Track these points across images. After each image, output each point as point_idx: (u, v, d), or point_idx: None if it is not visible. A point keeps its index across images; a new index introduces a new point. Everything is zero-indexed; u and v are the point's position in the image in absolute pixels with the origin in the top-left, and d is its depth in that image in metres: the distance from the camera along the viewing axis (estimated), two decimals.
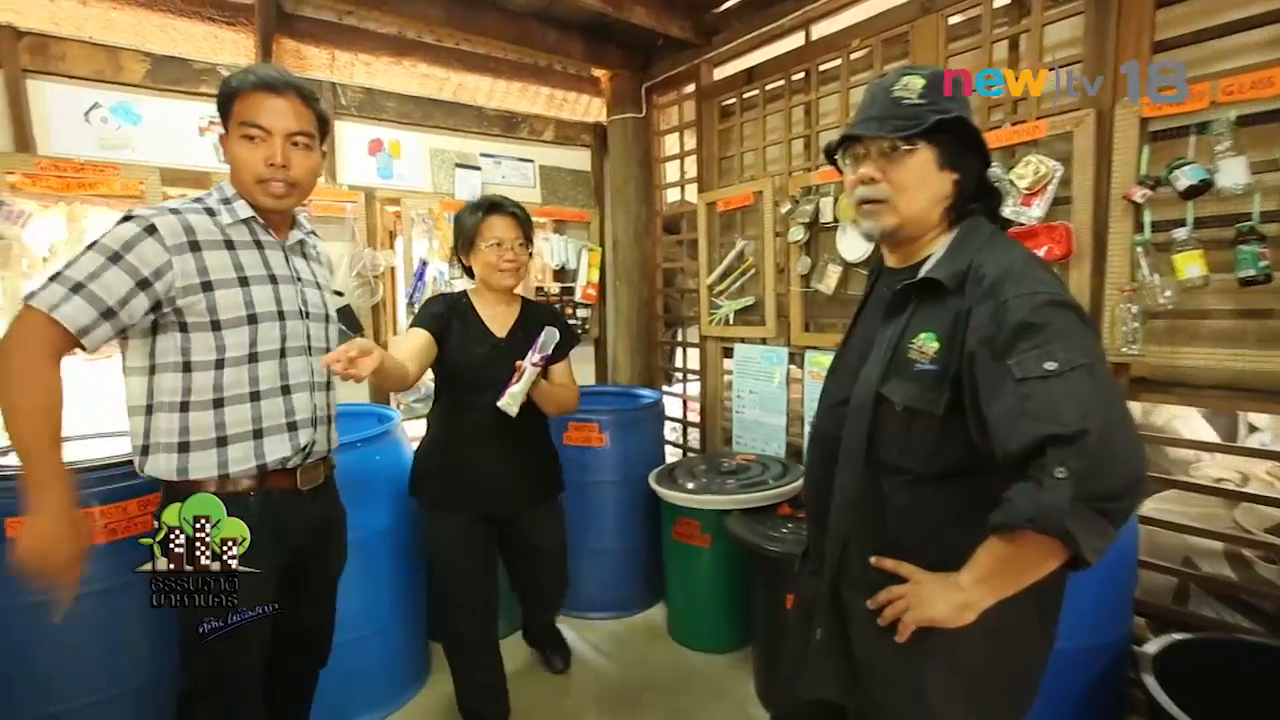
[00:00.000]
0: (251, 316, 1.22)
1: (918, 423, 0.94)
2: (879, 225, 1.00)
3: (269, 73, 1.23)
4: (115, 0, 2.18)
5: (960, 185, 0.99)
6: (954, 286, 0.93)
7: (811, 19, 2.36)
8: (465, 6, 2.56)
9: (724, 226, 2.79)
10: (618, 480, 2.62)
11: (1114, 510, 0.78)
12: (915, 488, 0.97)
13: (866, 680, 0.99)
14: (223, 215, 1.23)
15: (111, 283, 1.09)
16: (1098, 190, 1.59)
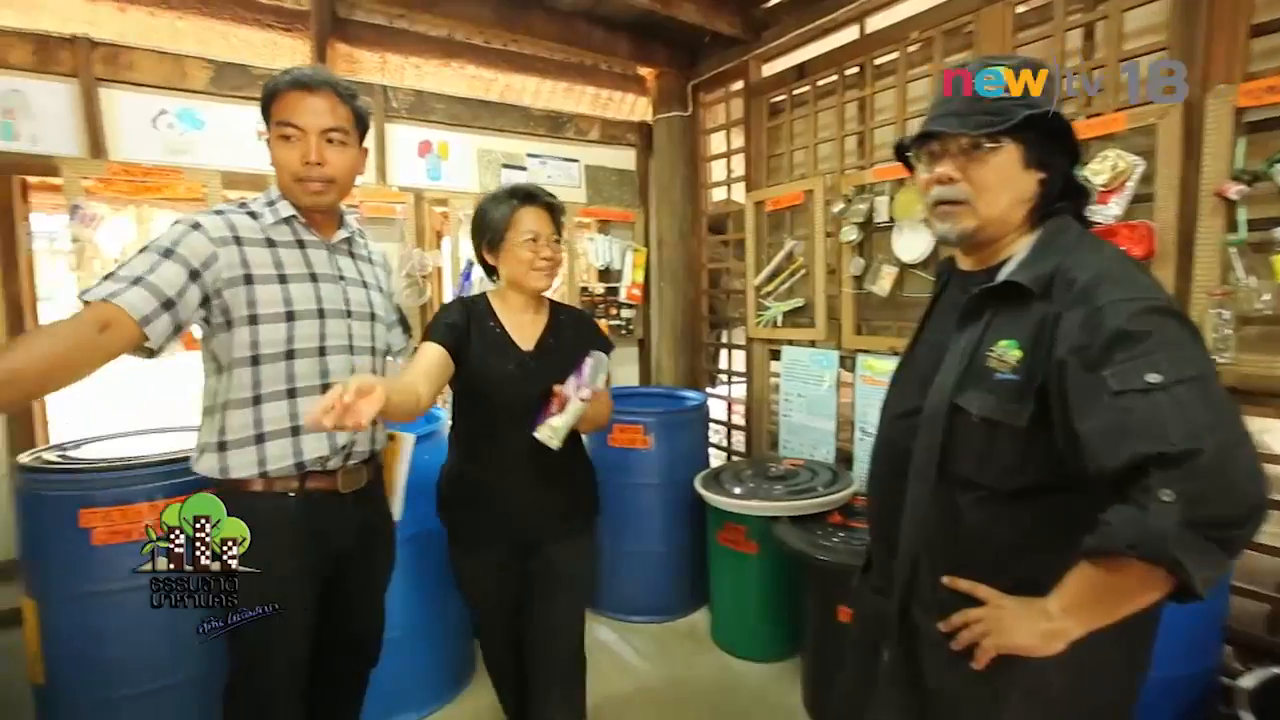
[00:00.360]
0: (290, 314, 1.23)
1: (998, 435, 0.88)
2: (956, 228, 0.94)
3: (304, 72, 1.23)
4: (181, 10, 2.26)
5: (1046, 185, 0.92)
6: (1039, 291, 0.86)
7: (867, 11, 2.29)
8: (513, 7, 2.57)
9: (772, 226, 2.73)
10: (662, 483, 2.59)
11: (1230, 539, 0.71)
12: (993, 505, 0.91)
13: (937, 708, 0.94)
14: (265, 216, 1.25)
15: (168, 274, 1.11)
16: (1185, 186, 1.49)
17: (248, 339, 1.20)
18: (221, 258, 1.16)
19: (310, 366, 1.26)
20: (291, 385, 1.24)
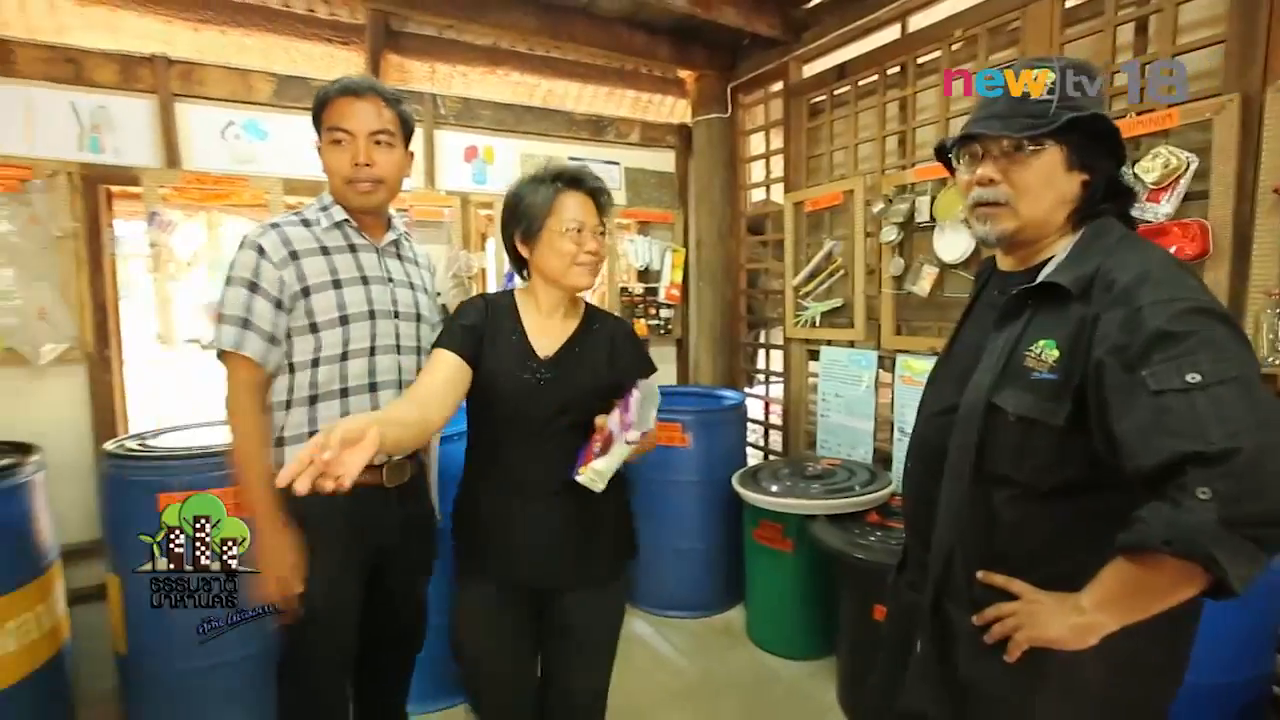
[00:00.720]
0: (344, 318, 1.30)
1: (1034, 434, 0.88)
2: (996, 230, 0.95)
3: (351, 80, 1.31)
4: (248, 28, 2.40)
5: (1089, 187, 0.93)
6: (1078, 292, 0.87)
7: (909, 10, 2.27)
8: (556, 15, 2.64)
9: (811, 227, 2.73)
10: (699, 481, 2.63)
11: (1268, 537, 0.71)
12: (1027, 503, 0.91)
13: (969, 699, 0.95)
14: (320, 222, 1.32)
15: (263, 311, 1.25)
16: (1241, 183, 1.45)
17: (310, 345, 1.29)
18: (285, 278, 1.26)
19: (361, 366, 1.33)
20: (344, 385, 1.32)
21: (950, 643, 0.97)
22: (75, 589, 1.99)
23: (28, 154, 2.11)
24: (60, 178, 2.12)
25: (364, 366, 1.34)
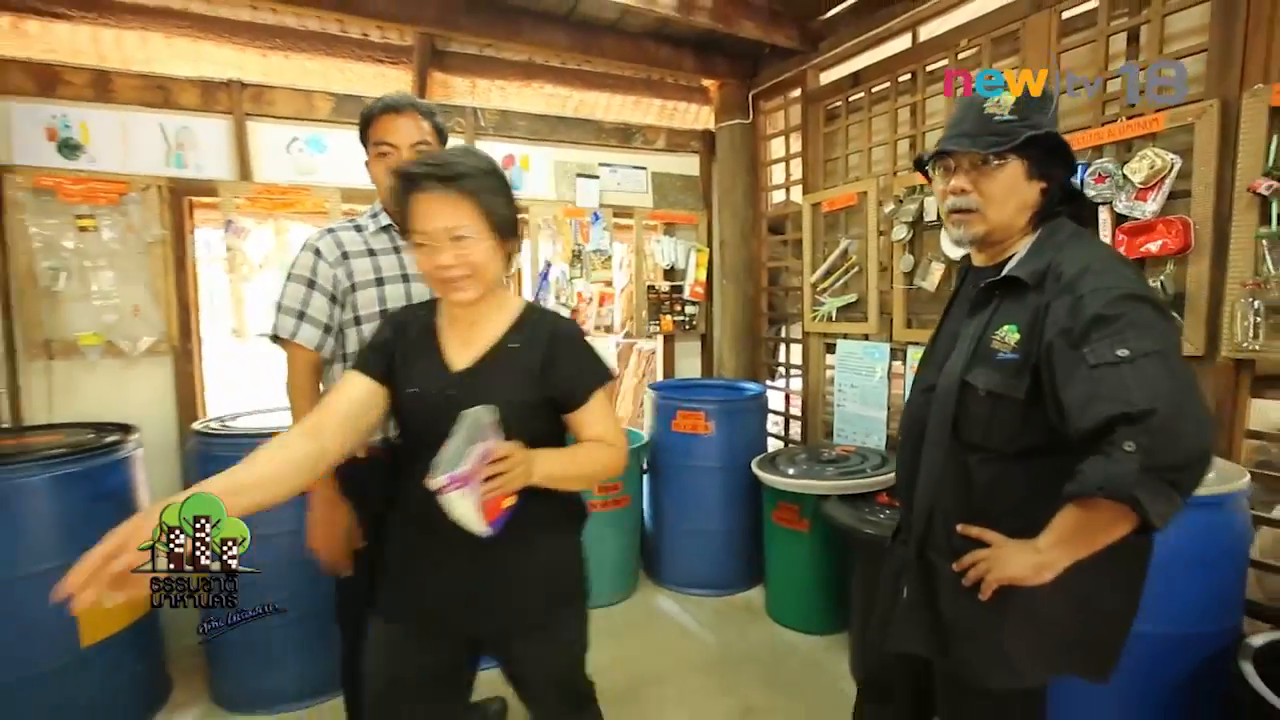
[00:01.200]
0: (384, 311, 1.47)
1: (1001, 406, 1.04)
2: (968, 233, 1.10)
3: (391, 98, 1.48)
4: (310, 52, 2.66)
5: (1047, 193, 1.08)
6: (1034, 283, 1.02)
7: (920, 20, 2.41)
8: (587, 32, 2.84)
9: (828, 226, 2.87)
10: (722, 467, 2.79)
11: (1181, 480, 0.85)
12: (998, 465, 1.06)
13: (950, 634, 1.10)
14: (369, 228, 1.52)
15: (320, 305, 1.45)
16: (1220, 182, 1.56)
17: (355, 337, 1.48)
18: (338, 277, 1.46)
19: None
20: None
21: (933, 587, 1.12)
22: None
23: (123, 171, 2.39)
24: (151, 191, 2.40)
25: None
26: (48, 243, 2.28)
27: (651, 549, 2.99)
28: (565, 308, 3.06)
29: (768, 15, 2.72)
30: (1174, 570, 1.28)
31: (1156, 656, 1.29)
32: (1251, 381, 1.56)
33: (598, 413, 1.16)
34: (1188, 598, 1.30)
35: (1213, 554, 1.32)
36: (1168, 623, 1.31)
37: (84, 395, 2.38)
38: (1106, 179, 1.73)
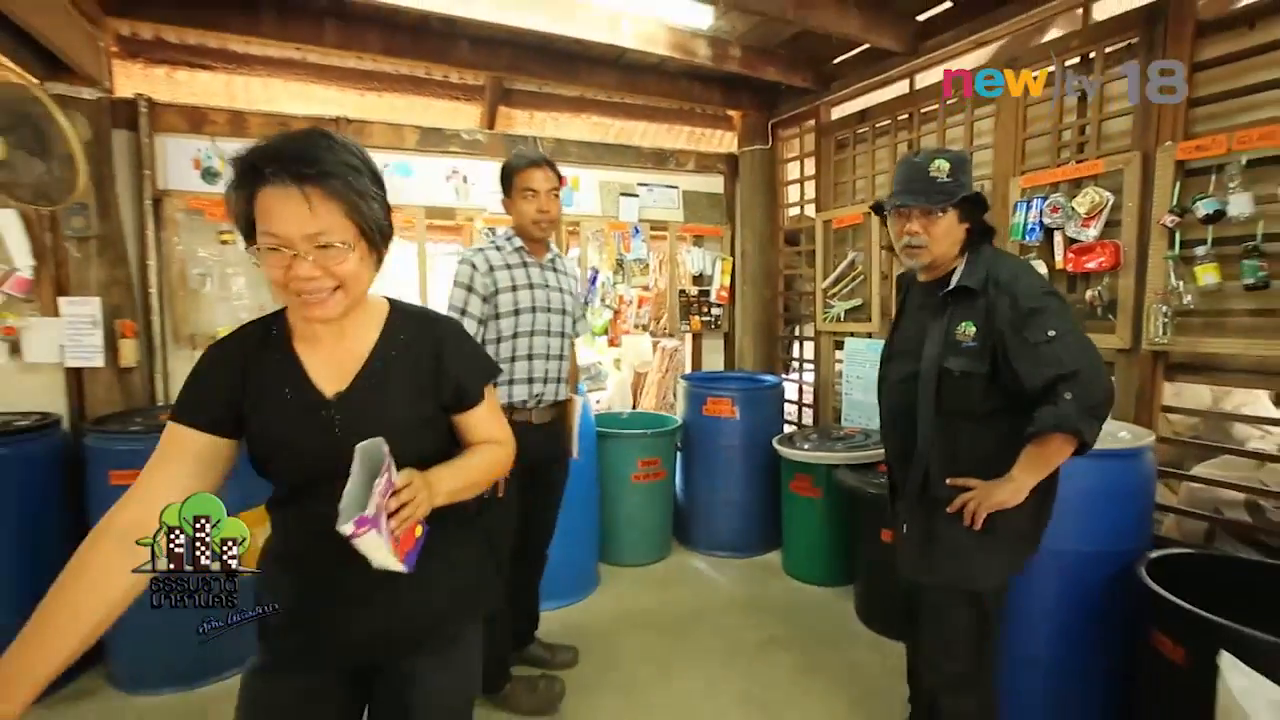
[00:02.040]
0: (517, 310, 1.97)
1: (970, 382, 1.43)
2: (919, 262, 1.53)
3: (533, 154, 1.99)
4: (400, 91, 3.15)
5: (970, 231, 1.51)
6: (979, 289, 1.44)
7: (915, 70, 2.88)
8: (633, 72, 3.31)
9: (837, 240, 3.35)
10: (745, 445, 3.26)
11: (1100, 413, 1.31)
12: (973, 425, 1.46)
13: (940, 556, 1.48)
14: (506, 248, 2.02)
15: (475, 305, 1.94)
16: (1141, 216, 2.02)
17: (495, 329, 1.97)
18: (487, 283, 1.95)
19: (525, 342, 2.00)
20: (514, 355, 1.99)
21: (934, 519, 1.50)
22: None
23: None
24: None
25: (527, 344, 2.01)
26: (195, 253, 2.78)
27: (683, 517, 3.46)
28: (610, 309, 3.53)
29: (787, 61, 3.19)
30: (1097, 504, 1.76)
31: (1084, 568, 1.76)
32: (1165, 368, 2.03)
33: (487, 411, 1.11)
34: (1106, 524, 1.77)
35: (1126, 492, 1.78)
36: (1091, 543, 1.77)
37: None
38: (1060, 210, 2.20)
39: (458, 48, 2.93)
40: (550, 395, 2.07)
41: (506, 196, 2.03)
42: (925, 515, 1.52)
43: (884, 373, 1.69)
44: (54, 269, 2.56)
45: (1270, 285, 1.73)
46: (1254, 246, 1.76)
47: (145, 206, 2.70)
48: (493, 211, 3.28)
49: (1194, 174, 1.91)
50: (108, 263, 2.58)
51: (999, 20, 2.46)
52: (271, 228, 0.86)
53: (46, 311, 2.56)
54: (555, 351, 2.08)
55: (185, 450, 0.95)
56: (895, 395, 1.61)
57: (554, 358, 2.07)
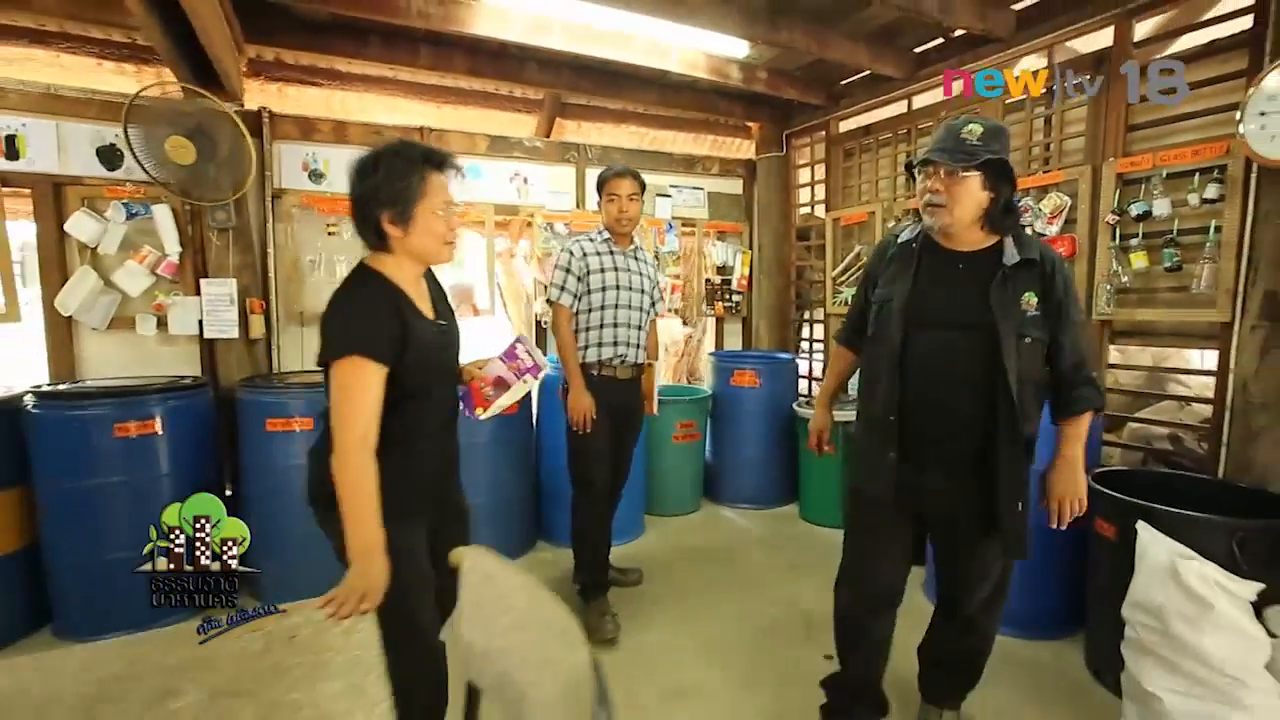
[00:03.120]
0: (604, 288, 2.47)
1: (1036, 348, 1.49)
2: (938, 222, 1.50)
3: (619, 167, 2.50)
4: (471, 105, 3.66)
5: (994, 202, 1.48)
6: (1039, 260, 1.49)
7: (913, 93, 3.44)
8: (670, 90, 3.83)
9: (845, 236, 3.90)
10: (767, 411, 3.81)
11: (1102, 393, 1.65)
12: (1031, 386, 1.51)
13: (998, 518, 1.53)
14: (597, 240, 2.53)
15: (572, 284, 2.44)
16: (1093, 215, 2.59)
17: (586, 303, 2.47)
18: (581, 266, 2.45)
19: (611, 313, 2.49)
20: (602, 324, 2.48)
21: (994, 481, 1.50)
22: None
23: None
24: None
25: (611, 315, 2.50)
26: (308, 242, 3.26)
27: (712, 475, 3.99)
28: None
29: (804, 83, 3.74)
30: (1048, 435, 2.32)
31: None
32: (1110, 334, 2.61)
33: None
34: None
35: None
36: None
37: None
38: (1030, 210, 2.77)
39: (527, 69, 3.43)
40: (631, 357, 2.54)
41: (599, 199, 2.54)
42: (988, 474, 1.51)
43: (905, 342, 1.55)
44: (193, 255, 3.03)
45: (1182, 268, 2.31)
46: (1172, 238, 2.33)
47: (267, 203, 3.18)
48: (550, 209, 3.80)
49: (1130, 183, 2.48)
50: (240, 250, 3.06)
51: (982, 55, 3.02)
52: (439, 206, 1.37)
53: (188, 291, 3.04)
54: (635, 323, 2.54)
55: (379, 382, 1.27)
56: (934, 364, 1.53)
57: (634, 327, 2.54)
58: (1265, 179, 2.11)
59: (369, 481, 1.24)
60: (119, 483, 2.48)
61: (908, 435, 1.57)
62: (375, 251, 1.39)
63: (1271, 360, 2.08)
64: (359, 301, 1.32)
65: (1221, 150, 2.22)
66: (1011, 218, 1.53)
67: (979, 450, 1.52)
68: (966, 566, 1.67)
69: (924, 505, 1.63)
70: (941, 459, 1.56)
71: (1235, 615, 1.62)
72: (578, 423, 2.43)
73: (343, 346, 1.27)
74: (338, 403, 1.25)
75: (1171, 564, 1.71)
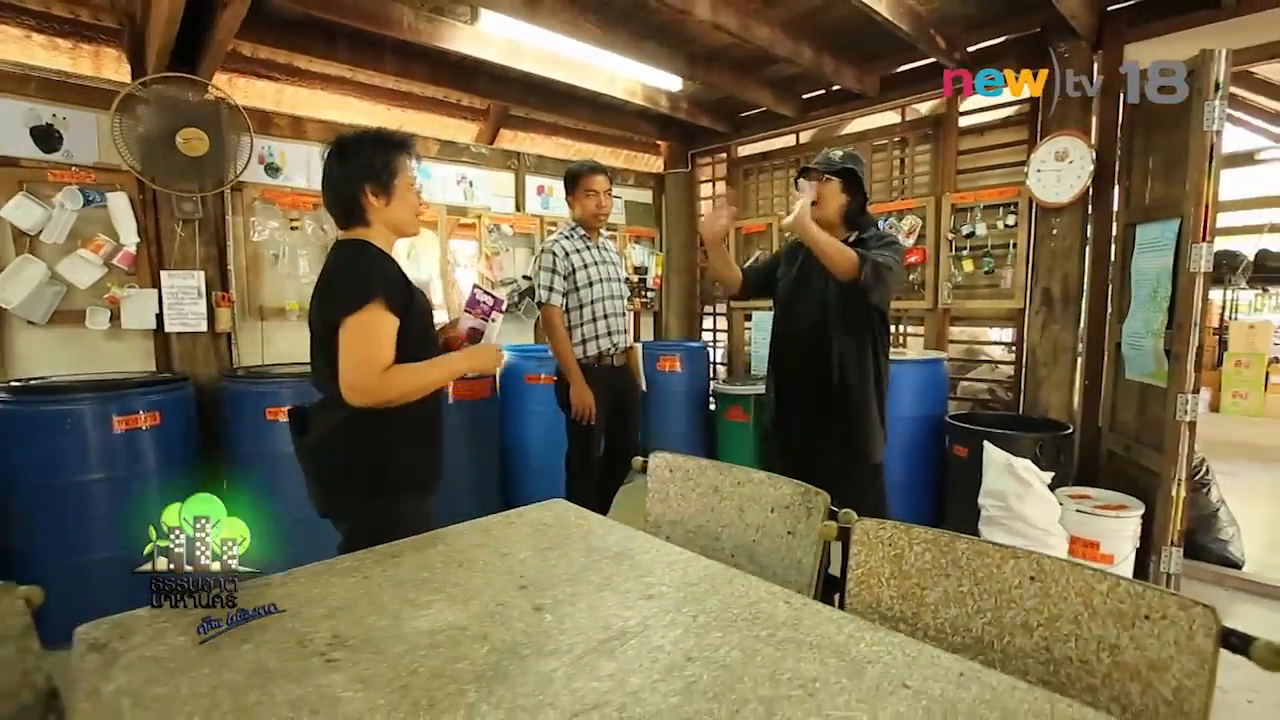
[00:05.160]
0: (591, 282, 2.85)
1: (852, 295, 2.06)
2: (813, 215, 2.00)
3: (592, 163, 2.89)
4: (424, 110, 3.87)
5: (849, 203, 2.14)
6: (870, 239, 2.11)
7: (801, 129, 4.32)
8: (603, 110, 4.33)
9: (746, 242, 4.70)
10: (687, 391, 4.47)
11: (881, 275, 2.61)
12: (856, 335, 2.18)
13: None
14: (574, 237, 2.95)
15: (559, 284, 2.78)
16: (937, 232, 3.60)
17: (575, 299, 2.82)
18: (565, 265, 2.80)
19: (601, 306, 2.81)
20: (594, 316, 2.80)
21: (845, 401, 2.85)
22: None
23: (310, 187, 3.43)
24: None
25: (601, 308, 2.84)
26: (270, 236, 3.28)
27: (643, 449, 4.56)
28: None
29: (714, 113, 4.46)
30: (922, 389, 3.25)
31: (916, 423, 3.24)
32: (950, 319, 3.64)
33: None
34: (927, 399, 3.27)
35: (934, 381, 3.31)
36: (920, 410, 3.26)
37: (279, 347, 3.38)
38: (894, 228, 3.73)
39: (480, 81, 3.73)
40: (622, 343, 2.81)
41: (570, 195, 2.83)
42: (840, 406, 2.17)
43: (783, 316, 2.29)
44: (149, 246, 2.95)
45: (994, 271, 3.36)
46: (987, 251, 3.38)
47: (226, 195, 3.16)
48: (496, 211, 4.11)
49: (960, 211, 3.51)
50: (204, 242, 3.03)
51: (854, 108, 3.95)
52: (414, 176, 1.53)
53: (144, 284, 2.95)
54: (619, 310, 2.82)
55: (394, 331, 1.36)
56: (793, 330, 2.22)
57: (619, 315, 2.82)
58: (1040, 214, 3.18)
59: (410, 371, 1.38)
60: (101, 480, 2.44)
61: (780, 388, 2.29)
62: (351, 227, 1.45)
63: (1048, 332, 3.16)
64: (369, 261, 1.39)
65: (1015, 192, 3.28)
66: (865, 218, 2.18)
67: (824, 390, 2.12)
68: (840, 490, 2.31)
69: (792, 440, 2.28)
70: (798, 402, 2.22)
71: (1043, 490, 2.58)
72: (583, 416, 2.66)
73: (362, 297, 1.31)
74: (358, 345, 1.31)
75: (1008, 463, 2.63)
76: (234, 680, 0.83)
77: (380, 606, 1.01)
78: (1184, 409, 2.44)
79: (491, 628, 0.94)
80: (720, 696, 0.77)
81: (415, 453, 1.50)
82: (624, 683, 0.80)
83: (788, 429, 2.31)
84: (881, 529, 1.04)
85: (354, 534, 1.41)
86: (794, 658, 0.85)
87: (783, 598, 1.02)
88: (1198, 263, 2.40)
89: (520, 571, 1.14)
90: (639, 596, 1.04)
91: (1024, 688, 0.77)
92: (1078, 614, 0.85)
